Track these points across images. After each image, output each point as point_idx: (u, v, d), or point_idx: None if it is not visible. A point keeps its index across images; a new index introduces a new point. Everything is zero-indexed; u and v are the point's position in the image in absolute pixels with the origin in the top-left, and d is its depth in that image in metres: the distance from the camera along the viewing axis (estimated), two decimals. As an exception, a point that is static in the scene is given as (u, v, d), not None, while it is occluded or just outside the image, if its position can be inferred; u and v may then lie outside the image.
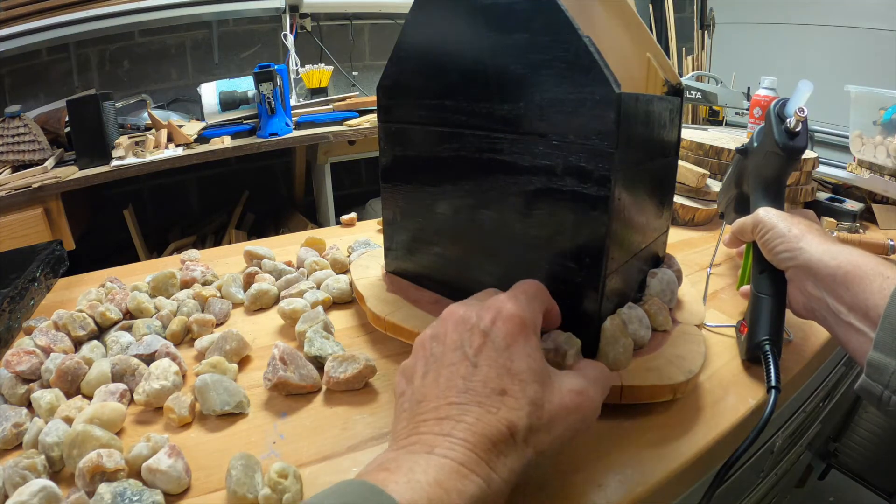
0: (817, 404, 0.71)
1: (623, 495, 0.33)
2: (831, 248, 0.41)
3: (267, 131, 1.58)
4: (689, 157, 0.89)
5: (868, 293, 0.37)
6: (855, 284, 0.38)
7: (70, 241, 1.38)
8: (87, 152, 1.45)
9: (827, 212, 0.84)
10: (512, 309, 0.31)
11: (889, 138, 0.87)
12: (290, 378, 0.41)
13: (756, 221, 0.47)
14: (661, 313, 0.45)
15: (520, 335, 0.30)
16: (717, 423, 0.39)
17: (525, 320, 0.30)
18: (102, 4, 1.66)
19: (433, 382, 0.29)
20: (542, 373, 0.29)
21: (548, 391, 0.29)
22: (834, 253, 0.40)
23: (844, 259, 0.39)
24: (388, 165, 0.50)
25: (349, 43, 2.14)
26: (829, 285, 0.40)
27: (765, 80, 1.01)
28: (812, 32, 1.68)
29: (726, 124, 1.58)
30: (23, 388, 0.42)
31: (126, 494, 0.31)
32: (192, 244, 1.77)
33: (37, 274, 0.59)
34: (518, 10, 0.38)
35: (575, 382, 0.30)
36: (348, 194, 2.11)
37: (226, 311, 0.55)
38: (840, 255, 0.40)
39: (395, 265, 0.53)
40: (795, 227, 0.44)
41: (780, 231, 0.44)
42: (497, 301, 0.31)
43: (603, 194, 0.36)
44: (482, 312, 0.31)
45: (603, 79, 0.35)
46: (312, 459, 0.36)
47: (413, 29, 0.45)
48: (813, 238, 0.42)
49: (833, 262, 0.40)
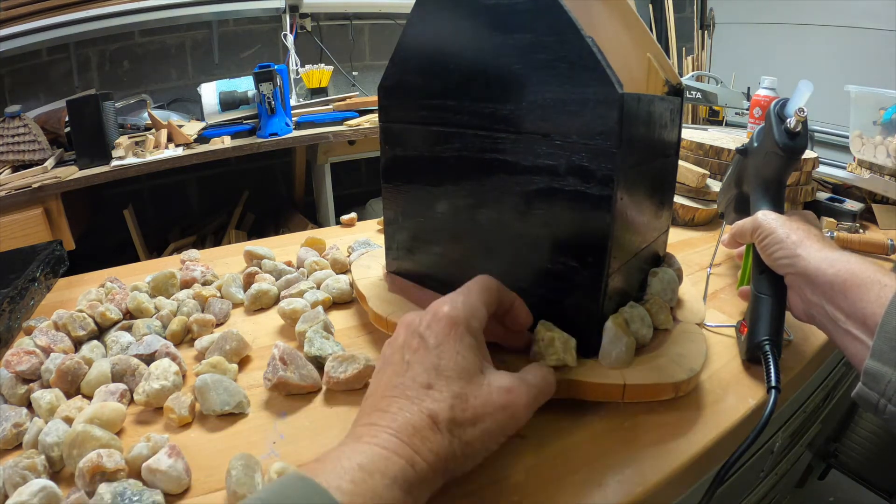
0: (817, 404, 0.71)
1: (623, 495, 0.33)
2: (829, 255, 0.41)
3: (267, 131, 1.58)
4: (689, 157, 0.89)
5: (866, 301, 0.37)
6: (852, 292, 0.38)
7: (70, 241, 1.38)
8: (87, 152, 1.45)
9: (827, 212, 0.84)
10: (445, 310, 0.33)
11: (889, 138, 0.87)
12: (290, 378, 0.41)
13: (755, 225, 0.47)
14: (663, 312, 0.45)
15: (450, 335, 0.32)
16: (716, 424, 0.39)
17: (456, 320, 0.32)
18: (102, 4, 1.66)
19: (378, 382, 0.32)
20: (470, 370, 0.31)
21: (474, 387, 0.31)
22: (832, 260, 0.40)
23: (842, 267, 0.39)
24: (390, 165, 0.50)
25: (349, 43, 2.14)
26: (827, 293, 0.40)
27: (765, 80, 1.01)
28: (812, 32, 1.68)
29: (726, 124, 1.58)
30: (23, 388, 0.42)
31: (126, 494, 0.31)
32: (192, 244, 1.77)
33: (37, 274, 0.59)
34: (521, 10, 0.38)
35: (505, 381, 0.32)
36: (348, 194, 2.10)
37: (226, 311, 0.55)
38: (838, 262, 0.40)
39: (397, 265, 0.53)
40: (794, 232, 0.44)
41: (779, 237, 0.44)
42: (435, 304, 0.34)
43: (606, 194, 0.37)
44: (423, 316, 0.33)
45: (606, 79, 0.35)
46: (312, 459, 0.36)
47: (414, 29, 0.45)
48: (811, 244, 0.42)
49: (831, 269, 0.40)
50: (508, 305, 0.38)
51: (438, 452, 0.28)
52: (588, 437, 0.37)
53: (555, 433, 0.37)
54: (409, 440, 0.27)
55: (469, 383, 0.30)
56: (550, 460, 0.35)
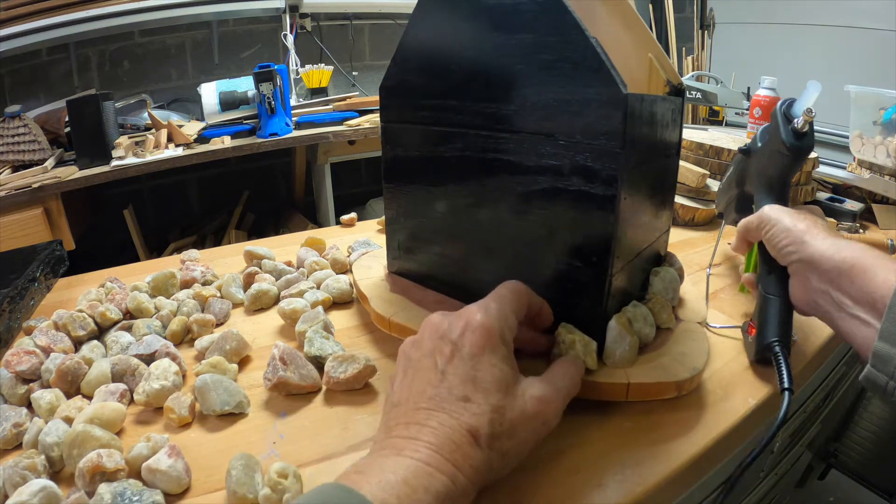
0: (817, 404, 0.71)
1: (623, 495, 0.33)
2: (836, 242, 0.41)
3: (267, 131, 1.58)
4: (689, 157, 0.89)
5: (874, 285, 0.37)
6: (860, 277, 0.38)
7: (70, 241, 1.38)
8: (87, 152, 1.45)
9: (827, 212, 0.84)
10: (480, 320, 0.32)
11: (889, 138, 0.87)
12: (290, 378, 0.41)
13: (761, 218, 0.47)
14: (665, 311, 0.45)
15: (486, 346, 0.31)
16: (717, 424, 0.39)
17: (492, 331, 0.32)
18: (102, 4, 1.66)
19: (407, 387, 0.31)
20: (507, 382, 0.31)
21: (510, 399, 0.30)
22: (839, 246, 0.40)
23: (849, 253, 0.39)
24: (391, 165, 0.50)
25: (349, 43, 2.14)
26: (834, 279, 0.40)
27: (765, 80, 1.01)
28: (812, 32, 1.68)
29: (726, 124, 1.58)
30: (23, 388, 0.42)
31: (126, 494, 0.31)
32: (192, 244, 1.77)
33: (37, 274, 0.59)
34: (523, 10, 0.38)
35: (537, 389, 0.32)
36: (348, 194, 2.10)
37: (226, 311, 0.55)
38: (845, 248, 0.40)
39: (398, 265, 0.53)
40: (801, 221, 0.44)
41: (786, 225, 0.45)
42: (468, 312, 0.33)
43: (610, 194, 0.37)
44: (454, 322, 0.33)
45: (610, 79, 0.35)
46: (312, 459, 0.36)
47: (416, 29, 0.45)
48: (818, 232, 0.43)
49: (838, 255, 0.40)
50: (538, 309, 0.38)
51: (478, 467, 0.28)
52: (588, 437, 0.37)
53: (555, 433, 0.37)
54: (450, 457, 0.27)
55: (505, 395, 0.30)
56: (551, 460, 0.35)
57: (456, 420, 0.28)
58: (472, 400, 0.29)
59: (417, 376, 0.31)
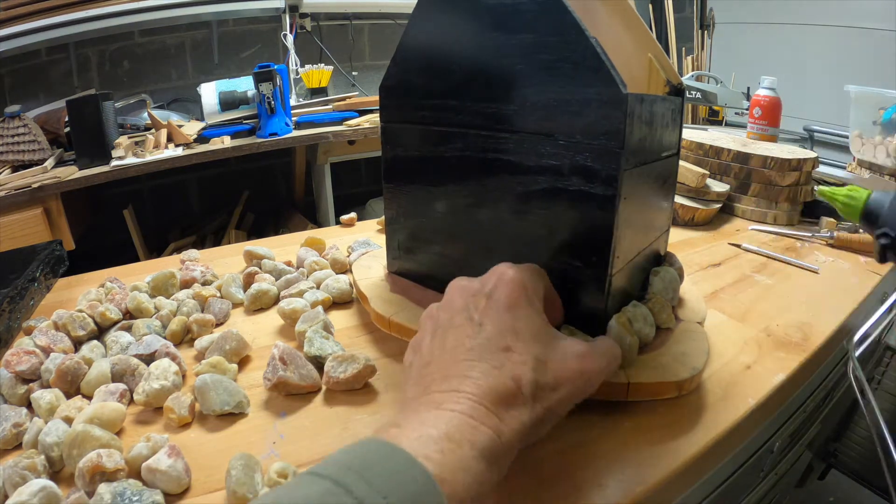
0: (817, 404, 0.71)
1: (623, 495, 0.33)
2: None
3: (267, 131, 1.58)
4: (689, 157, 0.89)
5: None
6: None
7: (70, 241, 1.38)
8: (87, 152, 1.45)
9: (827, 212, 0.84)
10: (513, 274, 0.31)
11: (889, 138, 0.87)
12: (289, 378, 0.41)
13: None
14: (665, 311, 0.45)
15: (521, 297, 0.30)
16: (717, 423, 0.39)
17: (526, 284, 0.31)
18: (102, 4, 1.66)
19: (440, 346, 0.29)
20: (546, 334, 0.30)
21: (551, 351, 0.29)
22: None
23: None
24: (391, 165, 0.50)
25: (349, 43, 2.14)
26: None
27: (764, 79, 1.01)
28: (812, 32, 1.68)
29: (726, 124, 1.58)
30: (23, 388, 0.42)
31: (126, 494, 0.31)
32: (192, 244, 1.77)
33: (37, 274, 0.59)
34: (523, 10, 0.38)
35: (578, 347, 0.31)
36: (348, 194, 2.10)
37: (226, 311, 0.55)
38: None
39: (398, 265, 0.53)
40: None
41: None
42: (499, 267, 0.32)
43: (610, 194, 0.37)
44: (485, 278, 0.32)
45: (611, 80, 0.35)
46: (312, 459, 0.36)
47: (416, 29, 0.45)
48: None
49: None
50: (553, 298, 0.37)
51: (523, 421, 0.26)
52: (588, 437, 0.37)
53: (555, 433, 0.37)
54: (494, 409, 0.25)
55: (546, 347, 0.29)
56: (551, 460, 0.35)
57: (498, 370, 0.27)
58: (514, 349, 0.28)
59: (450, 333, 0.30)
